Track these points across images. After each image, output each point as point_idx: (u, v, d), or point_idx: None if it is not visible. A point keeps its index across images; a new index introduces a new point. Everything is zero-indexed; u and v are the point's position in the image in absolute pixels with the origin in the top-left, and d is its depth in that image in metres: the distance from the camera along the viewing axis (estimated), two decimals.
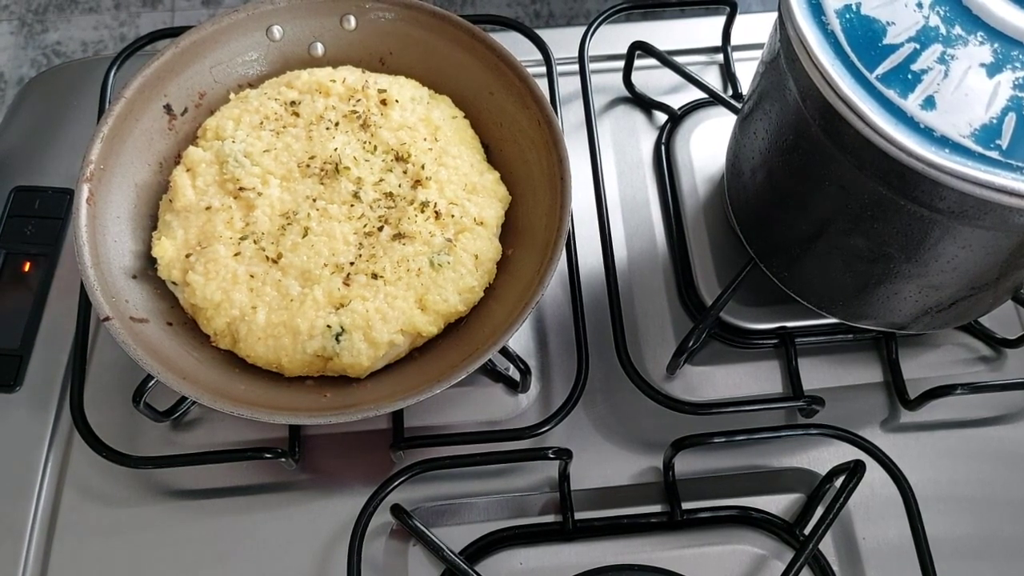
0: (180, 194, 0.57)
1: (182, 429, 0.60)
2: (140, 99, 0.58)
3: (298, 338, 0.53)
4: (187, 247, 0.56)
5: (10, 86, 1.49)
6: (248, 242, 0.56)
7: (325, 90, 0.61)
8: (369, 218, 0.57)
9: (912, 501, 0.55)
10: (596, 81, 0.70)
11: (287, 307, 0.54)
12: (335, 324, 0.53)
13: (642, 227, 0.67)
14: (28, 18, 1.55)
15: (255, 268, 0.55)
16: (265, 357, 0.54)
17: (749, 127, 0.56)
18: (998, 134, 0.41)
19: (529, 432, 0.57)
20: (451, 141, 0.60)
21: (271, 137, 0.59)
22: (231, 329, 0.54)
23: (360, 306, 0.54)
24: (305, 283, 0.54)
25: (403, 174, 0.58)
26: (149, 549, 0.56)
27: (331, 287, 0.54)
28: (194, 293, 0.54)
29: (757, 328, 0.62)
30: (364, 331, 0.53)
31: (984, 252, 0.47)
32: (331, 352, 0.53)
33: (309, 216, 0.56)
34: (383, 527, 0.57)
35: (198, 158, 0.58)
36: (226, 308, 0.54)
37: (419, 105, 0.61)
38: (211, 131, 0.60)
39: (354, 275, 0.55)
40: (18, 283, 0.64)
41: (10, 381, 0.61)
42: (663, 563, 0.54)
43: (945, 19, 0.44)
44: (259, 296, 0.54)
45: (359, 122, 0.60)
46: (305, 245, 0.55)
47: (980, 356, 0.63)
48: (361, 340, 0.53)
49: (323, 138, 0.59)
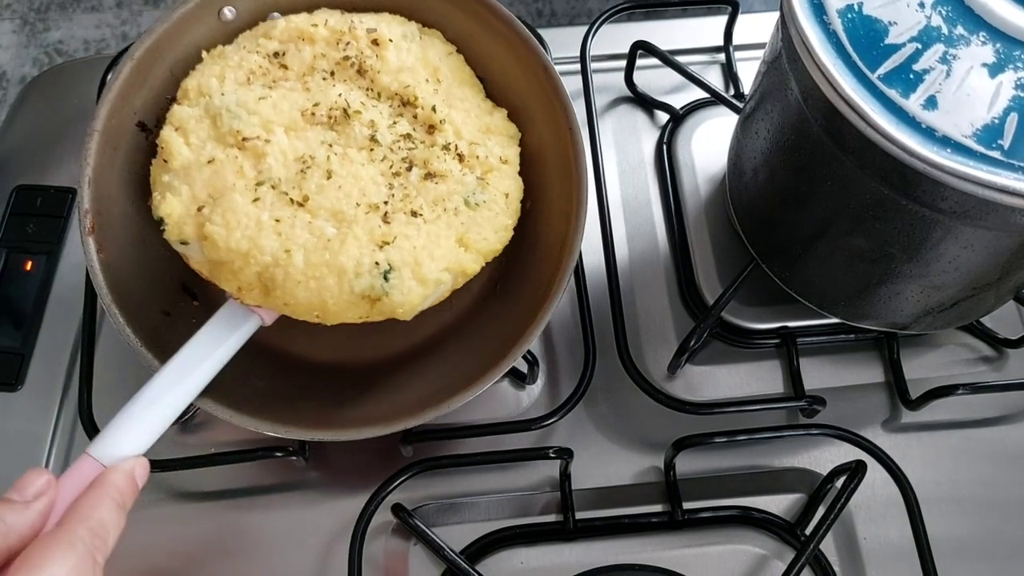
0: (175, 153, 0.52)
1: (189, 430, 0.60)
2: (111, 127, 0.54)
3: (344, 277, 0.50)
4: (197, 201, 0.51)
5: (12, 85, 1.49)
6: (266, 188, 0.51)
7: (308, 36, 0.56)
8: (393, 160, 0.53)
9: (913, 501, 0.55)
10: (598, 80, 0.70)
11: (326, 247, 0.50)
12: (383, 261, 0.50)
13: (644, 226, 0.67)
14: (30, 17, 1.55)
15: (280, 212, 0.51)
16: (307, 303, 0.50)
17: (751, 127, 0.56)
18: (1000, 134, 0.41)
19: (536, 424, 0.57)
20: (453, 81, 0.57)
21: (263, 90, 0.54)
22: (262, 279, 0.50)
23: (406, 243, 0.51)
24: (340, 224, 0.51)
25: (414, 118, 0.55)
26: (149, 550, 0.57)
27: (371, 225, 0.51)
28: (216, 246, 0.50)
29: (758, 328, 0.62)
30: (413, 268, 0.51)
31: (986, 252, 0.47)
32: (380, 291, 0.50)
33: (329, 159, 0.52)
34: (384, 526, 0.57)
35: (186, 115, 0.53)
36: (256, 256, 0.49)
37: (412, 43, 0.57)
38: (193, 90, 0.54)
39: (392, 213, 0.51)
40: (20, 282, 0.64)
41: (11, 380, 0.61)
42: (664, 563, 0.54)
43: (947, 19, 0.44)
44: (291, 239, 0.50)
45: (354, 69, 0.56)
46: (332, 186, 0.51)
47: (982, 356, 0.63)
48: (411, 277, 0.50)
49: (321, 87, 0.54)
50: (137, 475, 0.43)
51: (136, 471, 0.43)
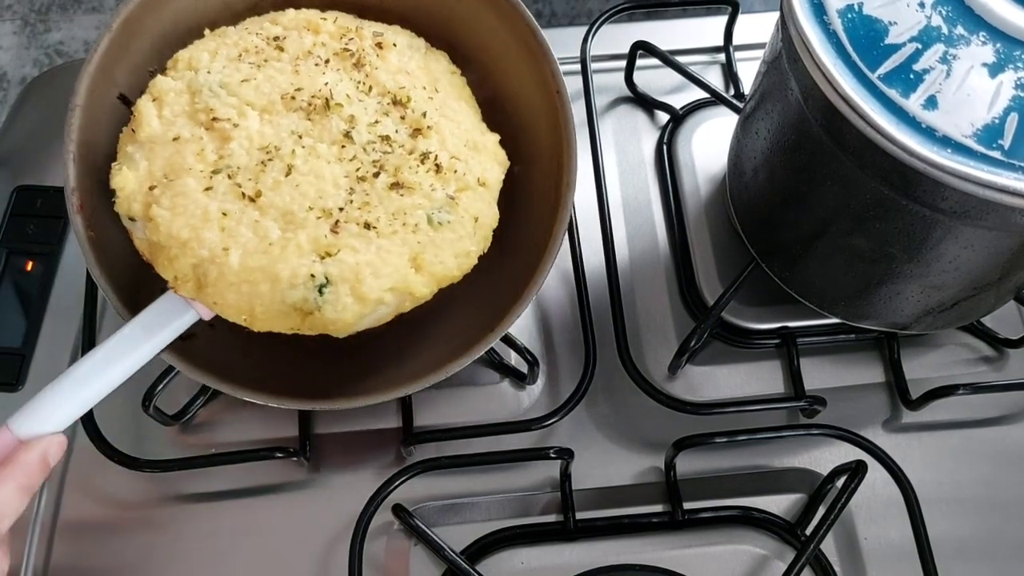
0: (144, 123, 0.50)
1: (189, 431, 0.60)
2: (92, 102, 0.52)
3: (277, 286, 0.47)
4: (151, 179, 0.49)
5: (13, 85, 1.49)
6: (222, 176, 0.49)
7: (314, 27, 0.55)
8: (362, 161, 0.51)
9: (914, 501, 0.55)
10: (598, 81, 0.70)
11: (266, 251, 0.48)
12: (320, 274, 0.48)
13: (644, 227, 0.67)
14: (31, 18, 1.55)
15: (229, 205, 0.49)
16: (236, 305, 0.48)
17: (751, 127, 0.56)
18: (1000, 134, 0.41)
19: (536, 424, 0.57)
20: (450, 96, 0.56)
21: (251, 69, 0.52)
22: (197, 273, 0.48)
23: (350, 257, 0.48)
24: (287, 226, 0.49)
25: (400, 120, 0.53)
26: (148, 551, 0.57)
27: (317, 233, 0.48)
28: (158, 229, 0.48)
29: (759, 328, 0.62)
30: (352, 284, 0.48)
31: (986, 252, 0.47)
32: (312, 305, 0.48)
33: (294, 153, 0.50)
34: (385, 526, 0.57)
35: (167, 87, 0.52)
36: (193, 247, 0.47)
37: (416, 53, 0.56)
38: (183, 62, 0.53)
39: (344, 222, 0.49)
40: (20, 282, 0.64)
41: (12, 380, 0.61)
42: (664, 563, 0.54)
43: (947, 19, 0.44)
44: (232, 237, 0.48)
45: (352, 60, 0.54)
46: (288, 184, 0.49)
47: (982, 356, 0.63)
48: (348, 294, 0.48)
49: (311, 73, 0.53)
50: (51, 454, 0.43)
51: (50, 450, 0.43)
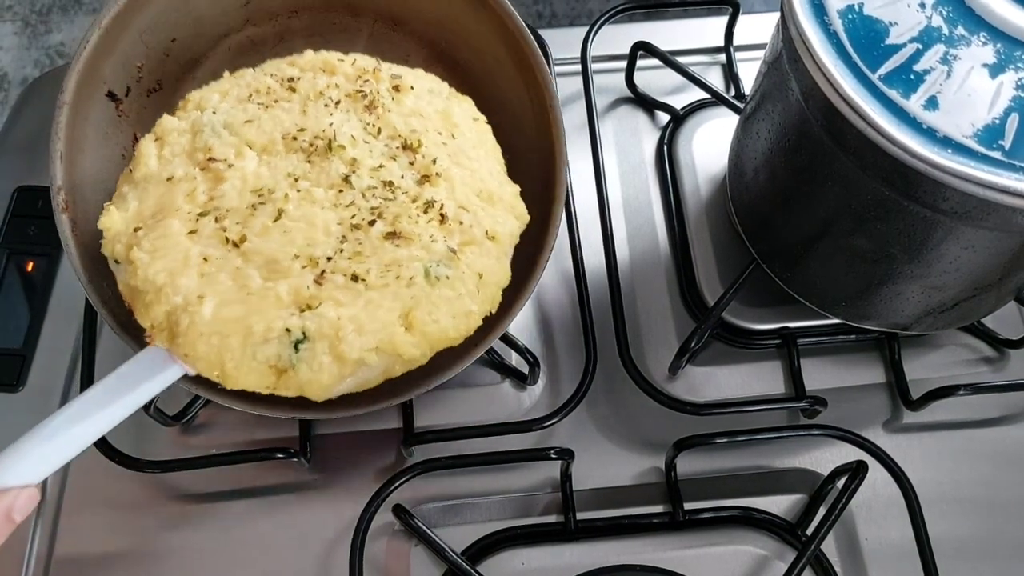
0: (142, 163, 0.49)
1: (190, 432, 0.60)
2: (81, 98, 0.52)
3: (249, 340, 0.44)
4: (139, 220, 0.47)
5: (13, 86, 1.49)
6: (208, 219, 0.47)
7: (331, 68, 0.53)
8: (360, 208, 0.48)
9: (914, 502, 0.55)
10: (598, 81, 0.70)
11: (243, 301, 0.45)
12: (296, 328, 0.44)
13: (644, 227, 0.67)
14: (32, 19, 1.55)
15: (211, 251, 0.46)
16: (206, 358, 0.45)
17: (751, 127, 0.56)
18: (1001, 134, 0.41)
19: (537, 425, 0.57)
20: (470, 143, 0.53)
21: (257, 110, 0.51)
22: (170, 321, 0.45)
23: (331, 311, 0.45)
24: (269, 275, 0.45)
25: (409, 165, 0.50)
26: (149, 552, 0.57)
27: (300, 283, 0.45)
28: (135, 273, 0.46)
29: (759, 329, 0.62)
30: (331, 342, 0.44)
31: (987, 253, 0.47)
32: (286, 363, 0.45)
33: (287, 197, 0.47)
34: (385, 527, 0.57)
35: (171, 127, 0.50)
36: (168, 294, 0.45)
37: (437, 97, 0.54)
38: (193, 102, 0.52)
39: (330, 273, 0.46)
40: (21, 283, 0.64)
41: (13, 381, 0.61)
42: (665, 563, 0.54)
43: (948, 19, 0.44)
44: (210, 284, 0.45)
45: (364, 102, 0.51)
46: (277, 230, 0.46)
47: (983, 357, 0.63)
48: (325, 352, 0.44)
49: (319, 114, 0.50)
50: (17, 508, 0.41)
51: (17, 503, 0.41)
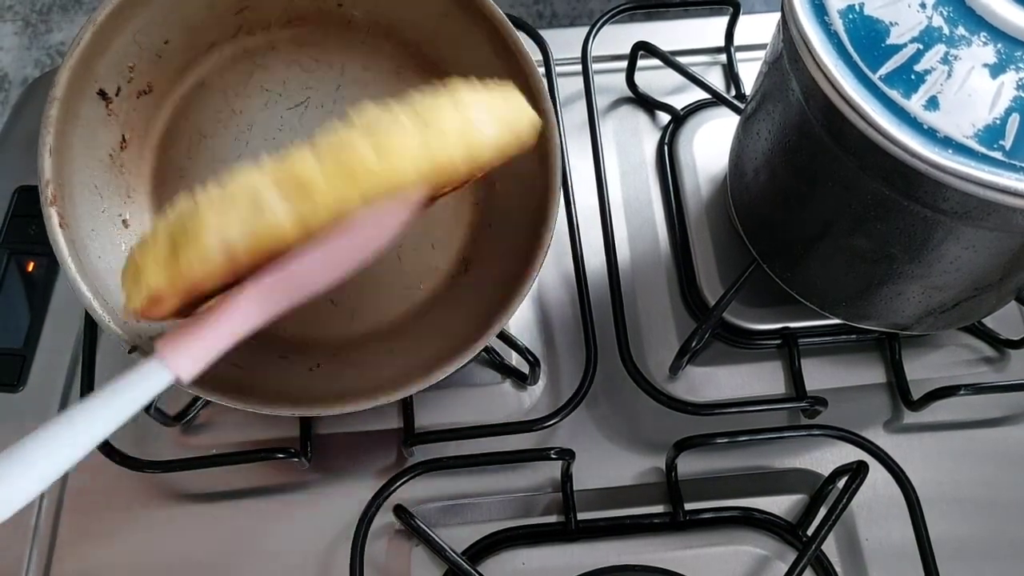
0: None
1: (190, 432, 0.60)
2: (72, 94, 0.52)
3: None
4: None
5: (14, 86, 1.49)
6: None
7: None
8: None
9: (915, 502, 0.55)
10: (599, 81, 0.70)
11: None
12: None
13: (645, 227, 0.67)
14: (32, 19, 1.55)
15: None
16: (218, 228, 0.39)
17: (752, 128, 0.56)
18: (1001, 135, 0.41)
19: (537, 425, 0.57)
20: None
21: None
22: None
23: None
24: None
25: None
26: (149, 551, 0.57)
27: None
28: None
29: (760, 329, 0.62)
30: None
31: (988, 253, 0.47)
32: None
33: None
34: (386, 527, 0.57)
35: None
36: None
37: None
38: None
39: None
40: (22, 283, 0.64)
41: (13, 381, 0.61)
42: (666, 564, 0.54)
43: (948, 20, 0.44)
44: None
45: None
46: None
47: (984, 357, 0.63)
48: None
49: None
50: None
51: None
